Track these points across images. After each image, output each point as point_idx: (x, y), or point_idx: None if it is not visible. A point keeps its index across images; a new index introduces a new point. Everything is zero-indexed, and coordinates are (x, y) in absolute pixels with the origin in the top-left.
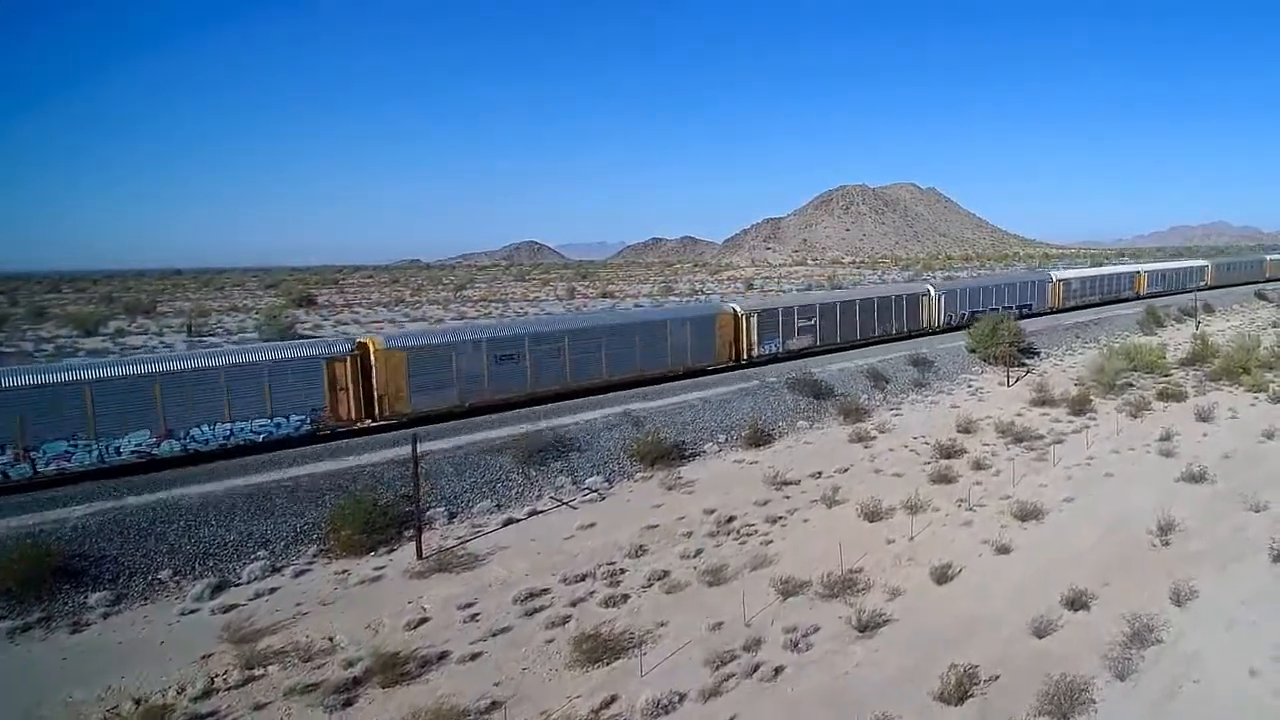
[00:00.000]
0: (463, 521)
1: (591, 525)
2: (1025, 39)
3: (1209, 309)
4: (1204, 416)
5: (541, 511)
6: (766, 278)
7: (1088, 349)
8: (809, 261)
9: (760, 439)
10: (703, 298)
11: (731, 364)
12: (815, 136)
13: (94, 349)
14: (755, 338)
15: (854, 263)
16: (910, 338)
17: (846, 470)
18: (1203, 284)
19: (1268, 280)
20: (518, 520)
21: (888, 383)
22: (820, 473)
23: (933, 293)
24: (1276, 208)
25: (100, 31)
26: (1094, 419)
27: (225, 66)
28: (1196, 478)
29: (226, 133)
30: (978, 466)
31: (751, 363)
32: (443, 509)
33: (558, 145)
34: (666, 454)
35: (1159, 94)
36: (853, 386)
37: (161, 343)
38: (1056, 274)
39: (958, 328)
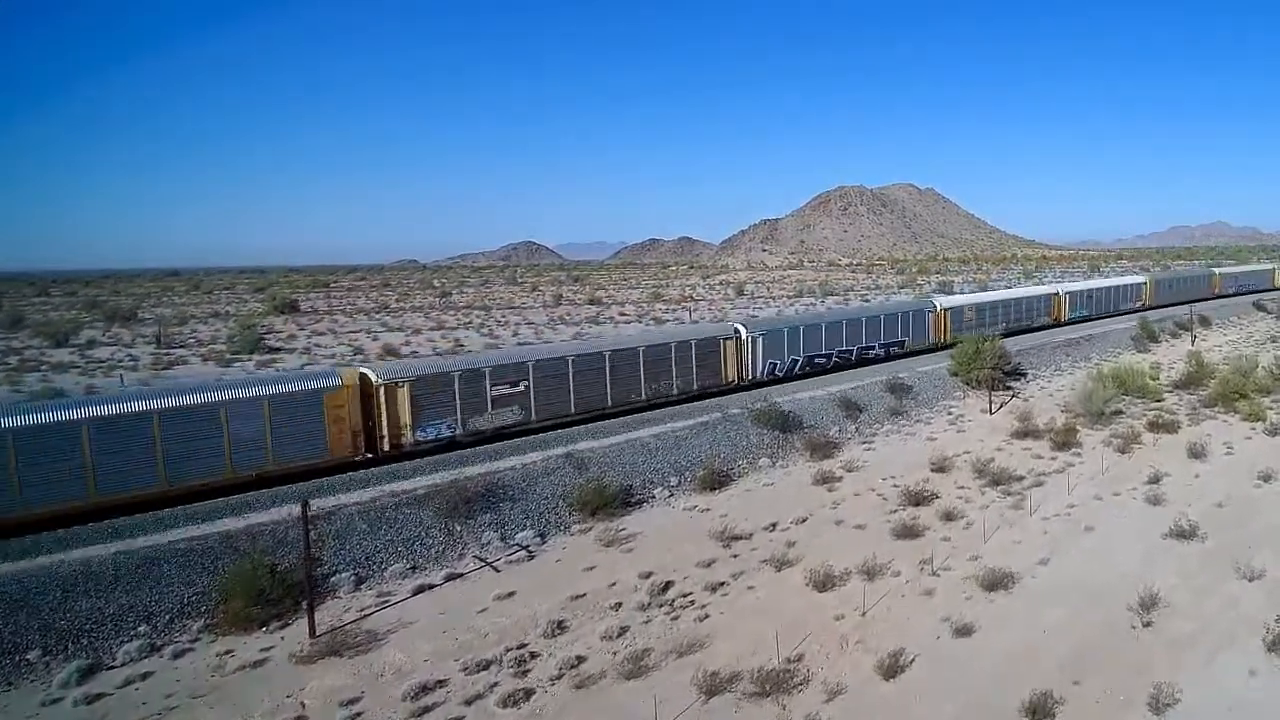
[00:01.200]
0: (371, 588)
1: (511, 594)
2: (1025, 38)
3: (1205, 322)
4: (1196, 453)
5: (461, 575)
6: (758, 281)
7: (1078, 369)
8: (805, 264)
9: (717, 481)
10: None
11: (361, 459)
12: (813, 137)
13: (59, 363)
14: (409, 418)
15: (850, 265)
16: (702, 398)
17: (804, 521)
18: (1139, 303)
19: (1216, 297)
20: (433, 586)
21: (862, 412)
22: (775, 524)
23: (744, 334)
24: (1277, 208)
25: (100, 32)
26: (1079, 454)
27: (225, 66)
28: (1186, 534)
29: (228, 133)
30: (947, 517)
31: (401, 454)
32: (350, 573)
33: (556, 145)
34: (609, 502)
35: (1159, 94)
36: (823, 417)
37: (129, 355)
38: (942, 301)
39: (786, 379)
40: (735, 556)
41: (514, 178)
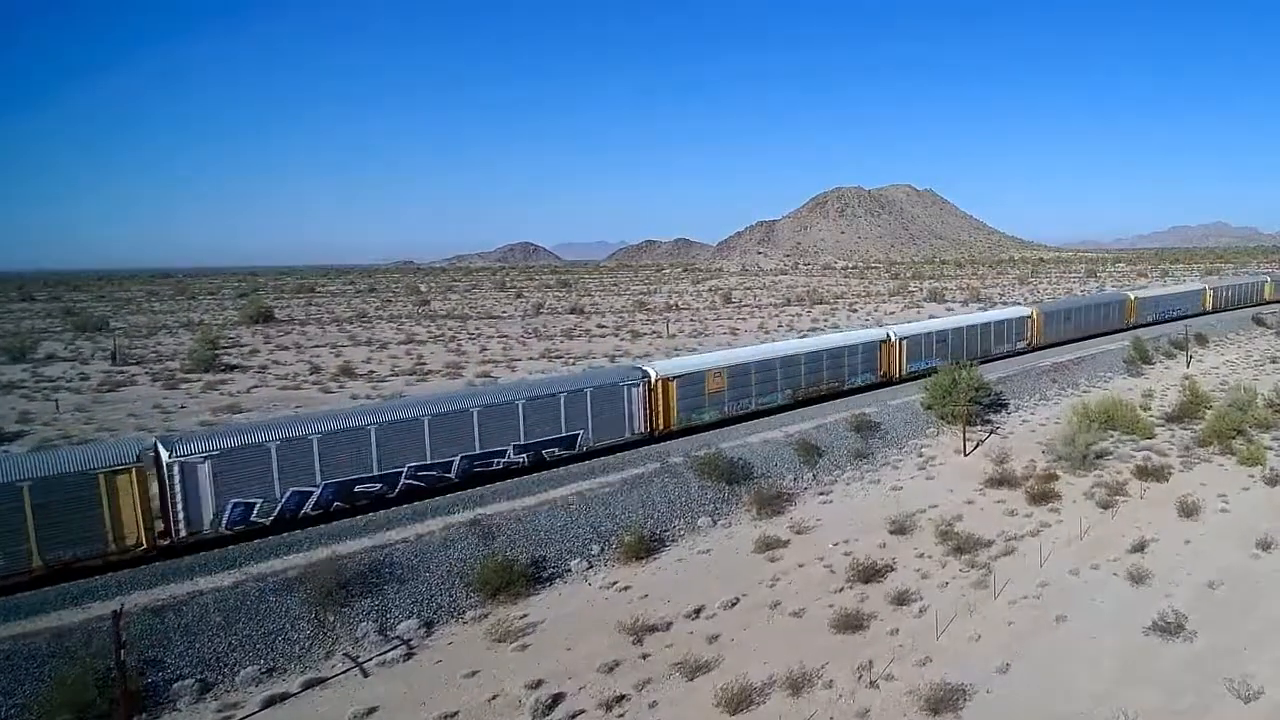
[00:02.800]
0: (217, 698)
1: (372, 711)
2: (1025, 39)
3: (1202, 340)
4: (1188, 510)
5: (324, 680)
6: (748, 288)
7: (1064, 396)
8: (800, 267)
9: (645, 548)
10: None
11: None
12: (811, 138)
13: (9, 382)
14: None
15: (844, 268)
16: (59, 578)
17: (735, 604)
18: (1022, 344)
19: (1132, 327)
20: (288, 695)
21: (822, 455)
22: (700, 609)
23: (166, 458)
24: (1277, 208)
25: (99, 33)
26: (1057, 510)
27: (227, 66)
28: (1171, 628)
29: (231, 132)
30: (899, 600)
31: None
32: (195, 679)
33: (555, 146)
34: (514, 581)
35: (1159, 94)
36: (777, 464)
37: (80, 374)
38: (662, 368)
39: (283, 525)
40: (645, 657)
41: (513, 179)
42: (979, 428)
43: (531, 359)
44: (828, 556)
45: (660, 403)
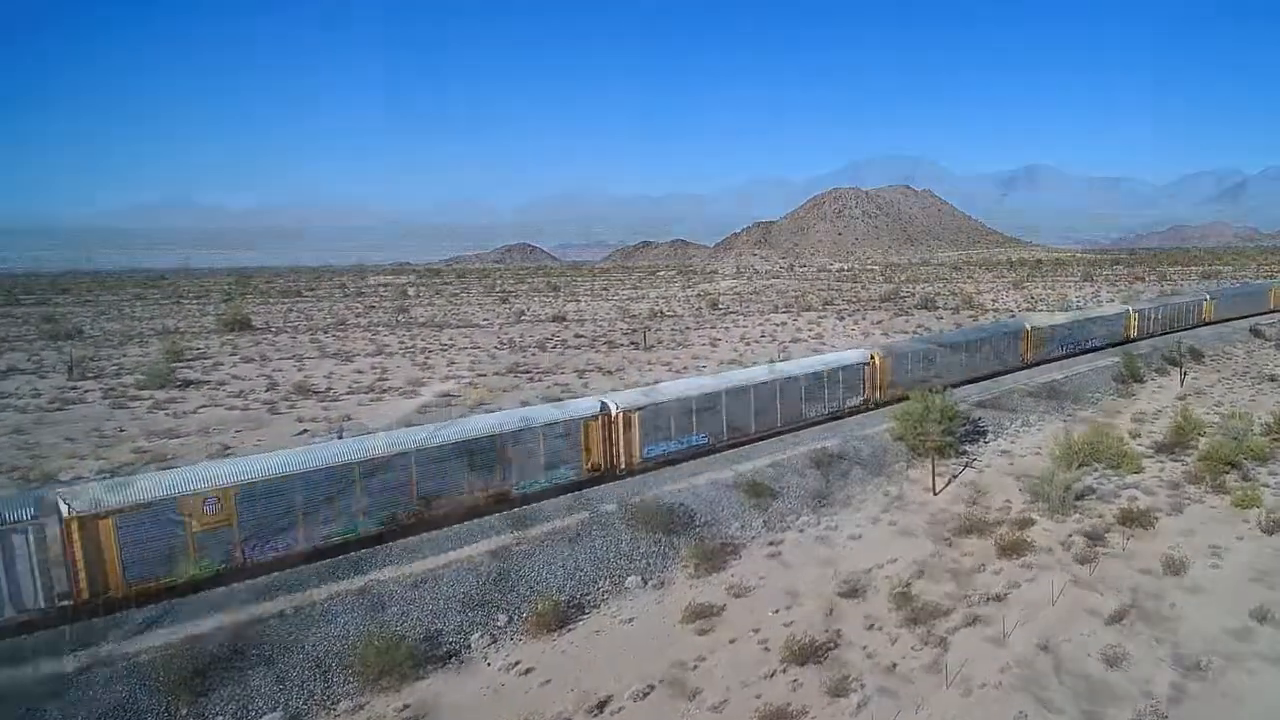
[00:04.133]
0: None
1: None
2: (1024, 39)
3: (1198, 355)
4: (1174, 567)
5: None
6: (737, 293)
7: (1048, 420)
8: (796, 268)
9: (559, 618)
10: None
11: None
12: (810, 138)
13: None
14: None
15: (839, 271)
16: None
17: (648, 694)
18: (856, 401)
19: (1031, 365)
20: None
21: (775, 498)
22: (607, 701)
23: None
24: (1277, 207)
25: (100, 32)
26: (1029, 566)
27: (227, 65)
28: None
29: (232, 133)
30: (836, 691)
31: None
32: None
33: (553, 145)
34: (400, 664)
35: (1158, 93)
36: (723, 509)
37: (32, 390)
38: (80, 503)
39: None
40: None
41: (513, 179)
42: (953, 459)
43: (499, 374)
44: (765, 627)
45: (78, 557)
